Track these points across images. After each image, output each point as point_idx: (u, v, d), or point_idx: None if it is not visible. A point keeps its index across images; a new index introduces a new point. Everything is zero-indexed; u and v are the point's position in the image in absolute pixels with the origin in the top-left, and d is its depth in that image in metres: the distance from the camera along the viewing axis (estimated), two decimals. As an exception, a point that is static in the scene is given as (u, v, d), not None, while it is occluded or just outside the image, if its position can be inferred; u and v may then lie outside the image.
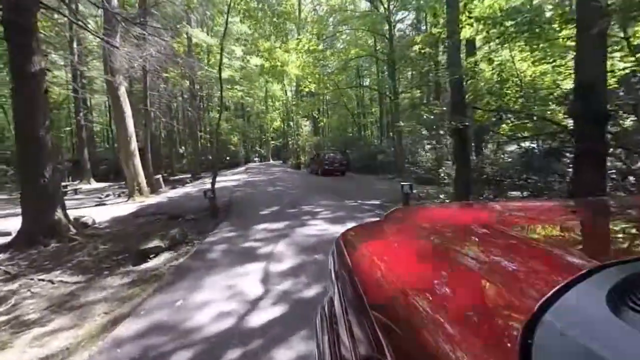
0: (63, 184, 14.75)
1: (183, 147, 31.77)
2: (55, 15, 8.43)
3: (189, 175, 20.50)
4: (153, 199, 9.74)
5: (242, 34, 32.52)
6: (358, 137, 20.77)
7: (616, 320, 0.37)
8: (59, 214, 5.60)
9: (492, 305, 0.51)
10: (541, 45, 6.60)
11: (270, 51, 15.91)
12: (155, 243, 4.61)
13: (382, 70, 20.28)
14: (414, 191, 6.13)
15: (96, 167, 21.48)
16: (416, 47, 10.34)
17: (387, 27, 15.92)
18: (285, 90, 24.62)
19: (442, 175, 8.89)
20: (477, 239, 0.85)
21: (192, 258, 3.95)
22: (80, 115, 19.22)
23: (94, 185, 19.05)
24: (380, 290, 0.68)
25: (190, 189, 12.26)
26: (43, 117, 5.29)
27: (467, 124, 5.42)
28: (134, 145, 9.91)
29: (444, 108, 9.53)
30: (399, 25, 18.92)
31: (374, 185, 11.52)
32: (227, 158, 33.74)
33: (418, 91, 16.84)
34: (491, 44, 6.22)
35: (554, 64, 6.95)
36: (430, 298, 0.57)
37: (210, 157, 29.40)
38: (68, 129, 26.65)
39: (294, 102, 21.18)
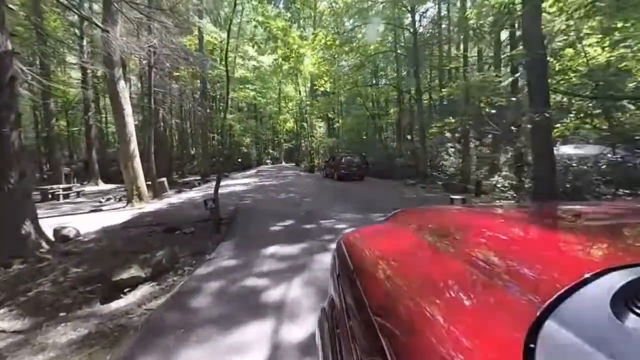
0: (67, 185, 14.16)
1: (194, 149, 31.27)
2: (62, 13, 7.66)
3: (199, 178, 19.71)
4: (153, 205, 8.79)
5: (255, 35, 31.96)
6: (375, 139, 19.47)
7: (620, 324, 0.37)
8: (27, 227, 4.62)
9: (495, 309, 0.50)
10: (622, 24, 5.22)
11: (285, 32, 14.85)
12: (133, 272, 3.53)
13: (403, 67, 18.97)
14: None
15: (106, 168, 21.03)
16: (473, 21, 8.87)
17: (410, 19, 14.65)
18: (299, 90, 23.60)
19: (498, 184, 7.49)
20: (479, 242, 0.83)
21: (171, 305, 2.82)
22: (89, 114, 18.77)
23: (101, 187, 18.50)
24: (382, 293, 0.68)
25: (195, 193, 11.30)
26: (7, 111, 4.32)
27: (550, 112, 4.15)
28: (134, 145, 9.01)
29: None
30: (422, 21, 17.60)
31: (399, 193, 10.22)
32: (239, 160, 33.04)
33: (444, 90, 15.45)
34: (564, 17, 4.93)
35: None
36: (432, 301, 0.57)
37: (219, 159, 28.81)
38: (84, 129, 26.56)
39: (308, 102, 20.09)
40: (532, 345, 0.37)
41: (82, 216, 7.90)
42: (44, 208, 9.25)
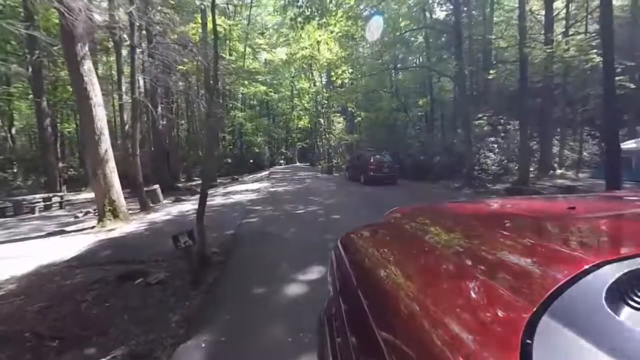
0: (47, 195, 12.34)
1: (204, 150, 29.45)
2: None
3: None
4: (130, 226, 6.60)
5: (267, 27, 29.82)
6: (404, 134, 16.78)
7: (614, 317, 0.37)
8: None
9: (492, 304, 0.50)
10: None
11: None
12: None
13: (434, 49, 16.15)
14: None
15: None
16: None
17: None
18: (314, 82, 21.16)
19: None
20: (476, 238, 0.82)
21: None
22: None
23: (99, 193, 16.76)
24: (378, 293, 0.68)
25: (193, 205, 9.08)
26: None
27: None
28: (106, 146, 6.84)
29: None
30: None
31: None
32: (251, 161, 31.02)
33: (492, 71, 12.69)
34: None
35: None
36: (430, 299, 0.57)
37: (227, 160, 26.86)
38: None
39: (326, 94, 17.59)
40: (529, 341, 0.37)
41: (29, 243, 5.80)
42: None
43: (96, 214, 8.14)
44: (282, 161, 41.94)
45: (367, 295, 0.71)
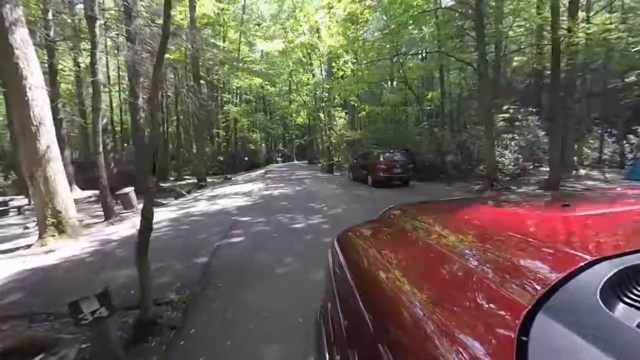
0: (4, 199, 10.74)
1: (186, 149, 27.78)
2: None
3: (196, 181, 16.09)
4: (77, 244, 5.05)
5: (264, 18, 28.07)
6: (412, 130, 15.26)
7: (609, 314, 0.37)
8: None
9: (488, 301, 0.50)
10: None
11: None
12: None
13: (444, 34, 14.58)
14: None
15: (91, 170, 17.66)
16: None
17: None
18: (313, 74, 19.53)
19: None
20: (472, 236, 0.82)
21: None
22: (61, 103, 15.32)
23: (75, 194, 15.12)
24: (374, 291, 0.68)
25: (171, 212, 7.55)
26: None
27: None
28: (47, 141, 5.27)
29: None
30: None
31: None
32: (246, 158, 29.40)
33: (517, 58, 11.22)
34: None
35: None
36: (426, 297, 0.56)
37: (218, 158, 25.07)
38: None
39: (326, 85, 15.98)
40: (524, 338, 0.38)
41: None
42: None
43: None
44: (279, 159, 40.35)
45: (362, 292, 0.71)
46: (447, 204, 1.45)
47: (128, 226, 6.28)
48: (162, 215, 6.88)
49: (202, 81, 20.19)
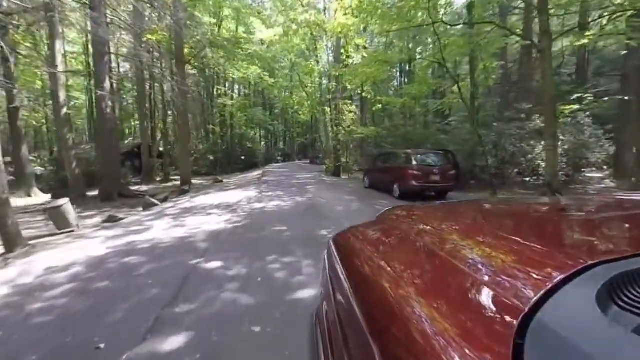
0: None
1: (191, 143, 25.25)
2: None
3: (180, 184, 13.58)
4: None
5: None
6: (442, 127, 12.68)
7: (605, 319, 0.38)
8: None
9: (485, 305, 0.50)
10: None
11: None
12: None
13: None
14: None
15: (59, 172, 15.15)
16: None
17: None
18: (317, 60, 16.95)
19: None
20: (469, 239, 0.80)
21: None
22: (19, 96, 12.80)
23: (34, 200, 12.63)
24: (370, 294, 0.67)
25: (104, 244, 4.99)
26: None
27: None
28: None
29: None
30: None
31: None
32: (243, 157, 26.86)
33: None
34: None
35: None
36: (422, 299, 0.56)
37: (208, 157, 22.30)
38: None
39: (335, 72, 13.35)
40: (520, 341, 0.37)
41: None
42: None
43: None
44: (279, 158, 37.86)
45: (358, 293, 0.71)
46: (445, 206, 1.37)
47: (58, 260, 3.73)
48: (85, 250, 4.34)
49: (190, 68, 17.63)
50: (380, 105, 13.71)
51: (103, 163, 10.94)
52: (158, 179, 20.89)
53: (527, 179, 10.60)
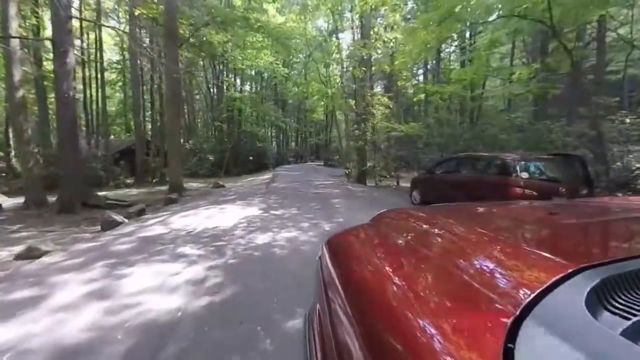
0: None
1: (188, 143, 22.74)
2: None
3: (169, 189, 10.91)
4: None
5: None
6: (511, 123, 9.54)
7: (594, 322, 0.38)
8: None
9: (475, 309, 0.50)
10: None
11: None
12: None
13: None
14: None
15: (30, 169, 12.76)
16: None
17: None
18: (339, 44, 13.99)
19: None
20: (460, 242, 0.81)
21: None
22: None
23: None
24: (362, 296, 0.67)
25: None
26: None
27: None
28: None
29: None
30: None
31: None
32: (251, 158, 24.17)
33: None
34: None
35: None
36: (413, 302, 0.56)
37: (206, 157, 19.52)
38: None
39: (365, 48, 10.30)
40: (511, 345, 0.37)
41: None
42: None
43: None
44: (290, 159, 35.09)
45: (350, 297, 0.70)
46: (436, 210, 1.33)
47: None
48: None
49: (186, 52, 14.99)
50: (422, 96, 10.71)
51: (63, 162, 8.31)
52: (155, 180, 18.43)
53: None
